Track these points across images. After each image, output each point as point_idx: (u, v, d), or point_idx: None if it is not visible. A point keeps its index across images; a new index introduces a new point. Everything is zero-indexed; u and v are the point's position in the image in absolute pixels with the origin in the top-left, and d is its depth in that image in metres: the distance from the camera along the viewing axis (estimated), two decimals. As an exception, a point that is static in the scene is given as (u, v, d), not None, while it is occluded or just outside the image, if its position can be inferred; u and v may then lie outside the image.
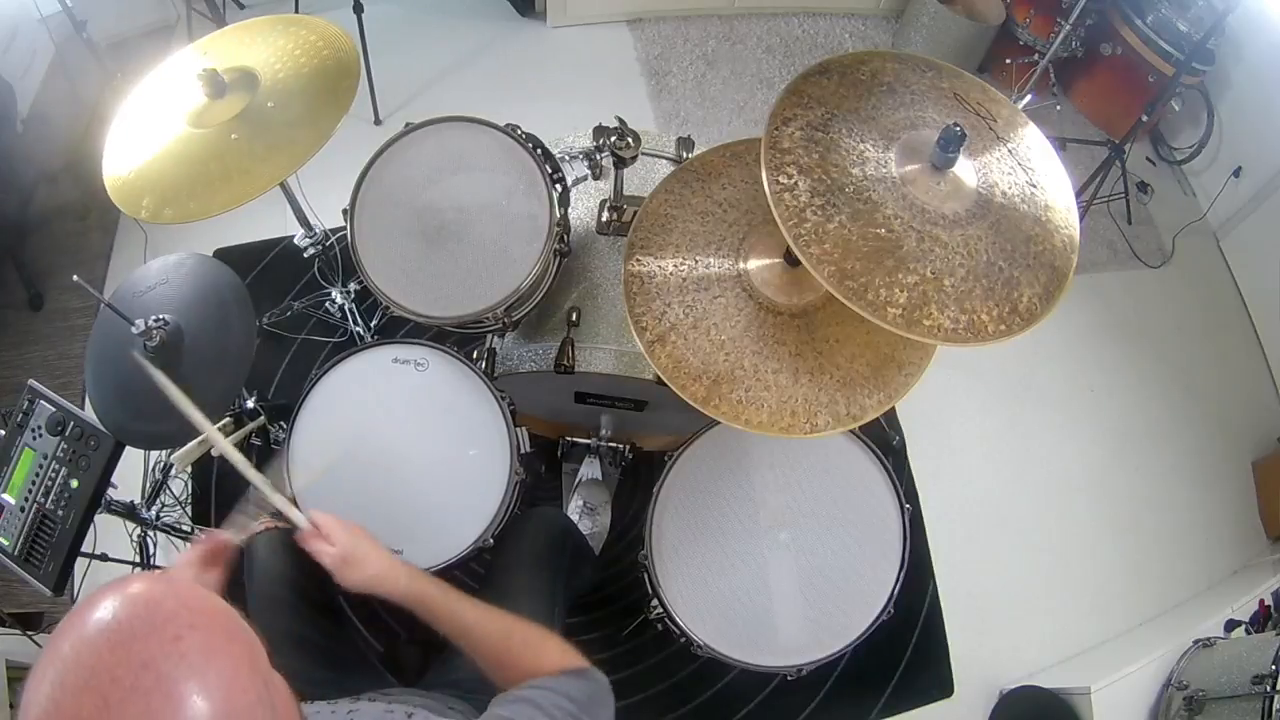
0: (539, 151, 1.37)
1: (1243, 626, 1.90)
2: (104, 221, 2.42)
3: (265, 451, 1.95)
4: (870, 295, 0.95)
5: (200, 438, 1.54)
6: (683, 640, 1.34)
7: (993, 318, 0.97)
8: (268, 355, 2.16)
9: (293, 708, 0.59)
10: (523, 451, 1.35)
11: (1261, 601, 1.96)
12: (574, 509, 1.96)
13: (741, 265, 1.21)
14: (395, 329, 2.11)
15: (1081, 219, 1.51)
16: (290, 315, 2.18)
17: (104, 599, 0.50)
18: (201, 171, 1.34)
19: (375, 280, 1.36)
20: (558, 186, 1.38)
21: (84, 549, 1.48)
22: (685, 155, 1.59)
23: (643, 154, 1.44)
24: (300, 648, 1.13)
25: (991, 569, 2.15)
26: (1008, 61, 2.84)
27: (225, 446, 0.98)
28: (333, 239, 1.99)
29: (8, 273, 2.29)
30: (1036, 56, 2.78)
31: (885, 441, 2.14)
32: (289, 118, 1.38)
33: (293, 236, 1.96)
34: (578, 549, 1.40)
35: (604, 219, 1.57)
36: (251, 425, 1.79)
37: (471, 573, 1.71)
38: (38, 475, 1.42)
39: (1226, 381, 2.56)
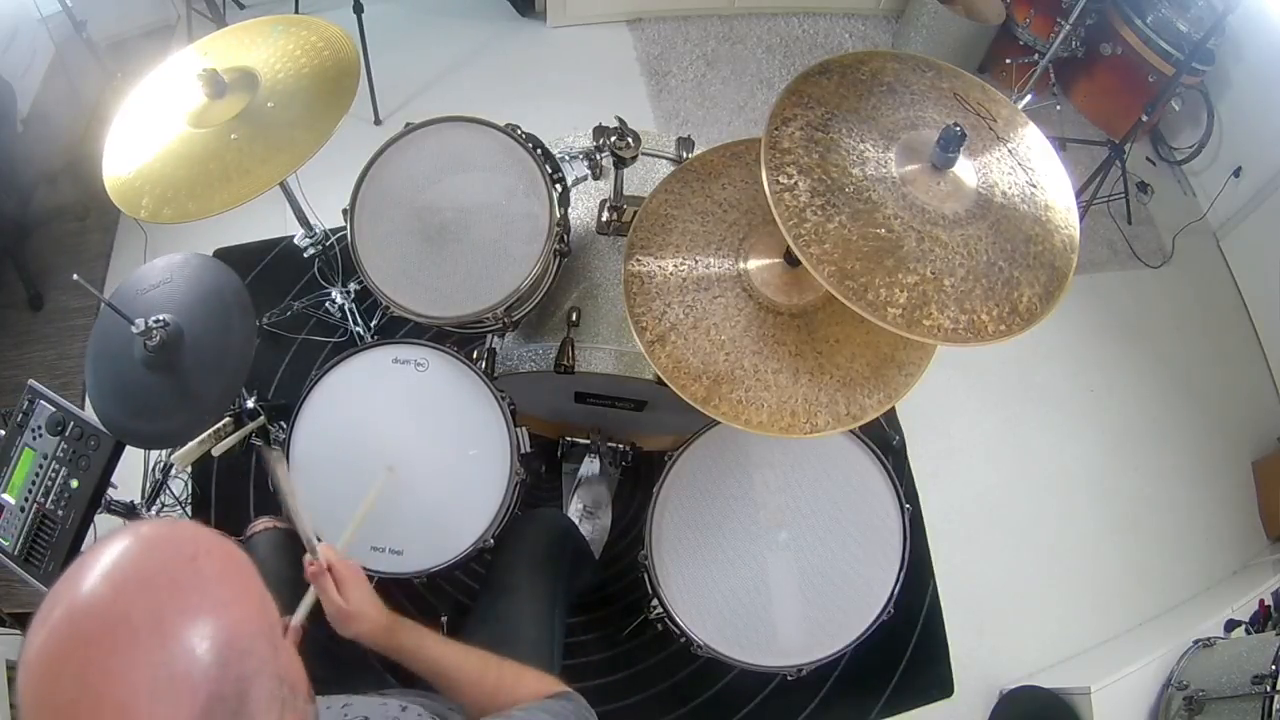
0: (539, 151, 1.37)
1: (1243, 626, 1.90)
2: (104, 221, 2.42)
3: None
4: (870, 295, 0.95)
5: (200, 437, 1.54)
6: (683, 640, 1.34)
7: (993, 318, 0.97)
8: (268, 355, 2.16)
9: (301, 673, 0.61)
10: (523, 451, 1.35)
11: (1261, 601, 1.96)
12: (574, 509, 1.96)
13: (741, 265, 1.21)
14: (395, 329, 2.11)
15: (1081, 219, 1.51)
16: (290, 315, 2.18)
17: (121, 539, 0.53)
18: (201, 171, 1.35)
19: (375, 280, 1.36)
20: (558, 186, 1.38)
21: (84, 549, 1.48)
22: (685, 155, 1.59)
23: (643, 154, 1.44)
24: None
25: (991, 569, 2.15)
26: (1008, 61, 2.84)
27: (281, 476, 1.02)
28: (333, 239, 1.99)
29: (8, 273, 2.29)
30: (1036, 56, 2.78)
31: (885, 441, 2.14)
32: (289, 118, 1.38)
33: (293, 236, 1.96)
34: (578, 550, 1.40)
35: (604, 219, 1.57)
36: (251, 425, 1.79)
37: (472, 572, 1.72)
38: (38, 475, 1.42)
39: (1226, 381, 2.56)
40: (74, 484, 1.40)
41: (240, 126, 1.38)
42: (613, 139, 1.35)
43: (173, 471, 1.85)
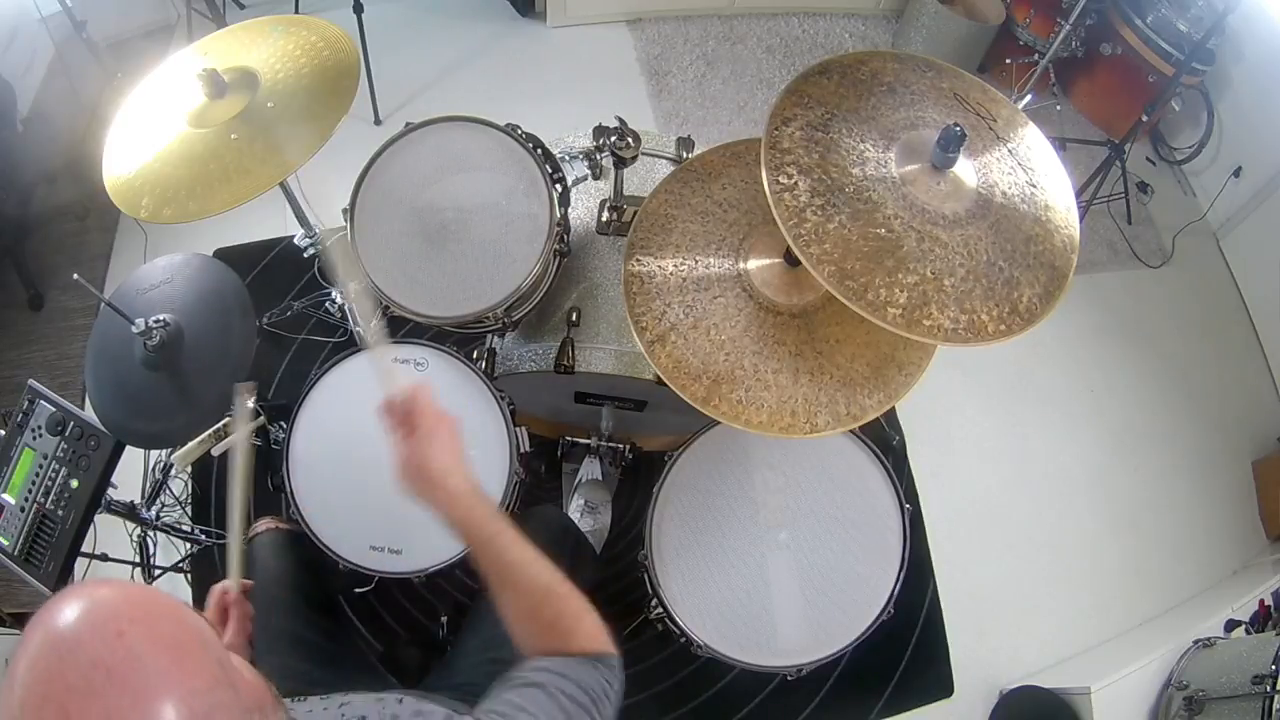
0: (539, 151, 1.37)
1: (1243, 626, 1.90)
2: (104, 221, 2.42)
3: (265, 451, 1.95)
4: (870, 295, 0.95)
5: (200, 437, 1.55)
6: (683, 640, 1.34)
7: (993, 318, 0.97)
8: (268, 355, 2.15)
9: (260, 687, 0.58)
10: (523, 451, 1.35)
11: (1261, 601, 1.96)
12: (574, 509, 1.96)
13: (741, 265, 1.21)
14: (395, 329, 2.11)
15: (1081, 219, 1.51)
16: (290, 315, 2.18)
17: (46, 614, 0.50)
18: (201, 171, 1.34)
19: (375, 280, 1.36)
20: (558, 186, 1.38)
21: (84, 549, 1.48)
22: (685, 155, 1.59)
23: (643, 154, 1.44)
24: (300, 648, 1.13)
25: (991, 569, 2.15)
26: (1008, 61, 2.84)
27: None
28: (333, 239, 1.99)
29: (8, 273, 2.29)
30: (1036, 56, 2.78)
31: (885, 441, 2.14)
32: (289, 117, 1.37)
33: (293, 236, 1.96)
34: (577, 548, 1.40)
35: (604, 219, 1.57)
36: (251, 425, 1.79)
37: (472, 572, 1.71)
38: (38, 475, 1.42)
39: (1226, 381, 2.56)
40: (74, 484, 1.41)
41: (240, 126, 1.38)
42: (613, 139, 1.35)
43: (173, 471, 1.85)
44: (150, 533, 1.78)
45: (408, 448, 0.82)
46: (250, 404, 0.90)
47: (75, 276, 1.22)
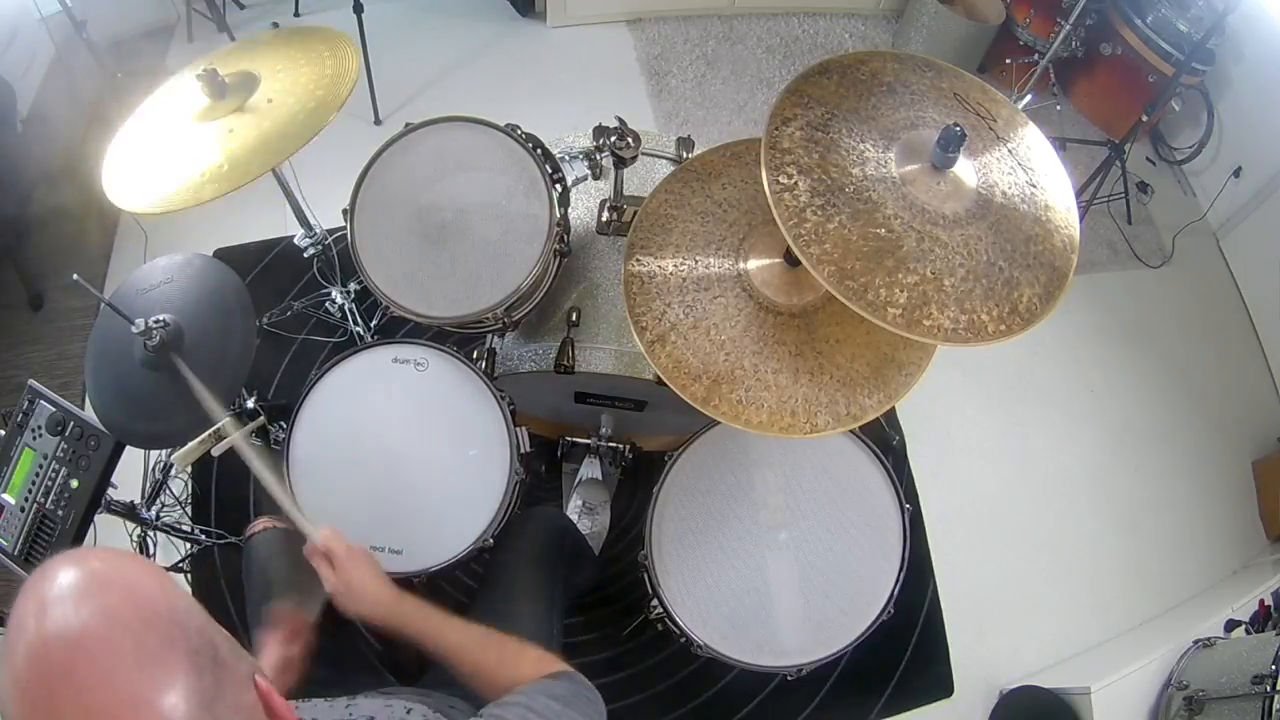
0: (539, 151, 1.37)
1: (1243, 626, 1.90)
2: (104, 221, 2.42)
3: (265, 452, 1.95)
4: (870, 295, 0.95)
5: (201, 437, 1.54)
6: (683, 640, 1.34)
7: (993, 318, 0.97)
8: (268, 355, 2.15)
9: (237, 649, 0.61)
10: (523, 451, 1.35)
11: (1261, 601, 1.96)
12: (573, 509, 1.96)
13: (741, 265, 1.21)
14: (395, 329, 2.11)
15: (1081, 219, 1.51)
16: (290, 315, 2.18)
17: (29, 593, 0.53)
18: (197, 161, 1.35)
19: (375, 280, 1.36)
20: (558, 186, 1.38)
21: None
22: (685, 155, 1.59)
23: (643, 154, 1.44)
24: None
25: (991, 569, 2.15)
26: (1008, 61, 2.84)
27: (249, 455, 1.05)
28: (333, 239, 1.99)
29: (8, 273, 2.29)
30: (1036, 56, 2.79)
31: (885, 441, 2.14)
32: (285, 108, 1.37)
33: (293, 236, 1.96)
34: (577, 548, 1.40)
35: (604, 219, 1.57)
36: (251, 425, 1.79)
37: (471, 572, 1.72)
38: (38, 475, 1.42)
39: (1226, 381, 2.57)
40: (74, 484, 1.40)
41: (236, 120, 1.38)
42: (613, 139, 1.35)
43: (173, 471, 1.85)
44: (150, 533, 1.78)
45: (336, 579, 0.98)
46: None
47: (75, 277, 1.21)
